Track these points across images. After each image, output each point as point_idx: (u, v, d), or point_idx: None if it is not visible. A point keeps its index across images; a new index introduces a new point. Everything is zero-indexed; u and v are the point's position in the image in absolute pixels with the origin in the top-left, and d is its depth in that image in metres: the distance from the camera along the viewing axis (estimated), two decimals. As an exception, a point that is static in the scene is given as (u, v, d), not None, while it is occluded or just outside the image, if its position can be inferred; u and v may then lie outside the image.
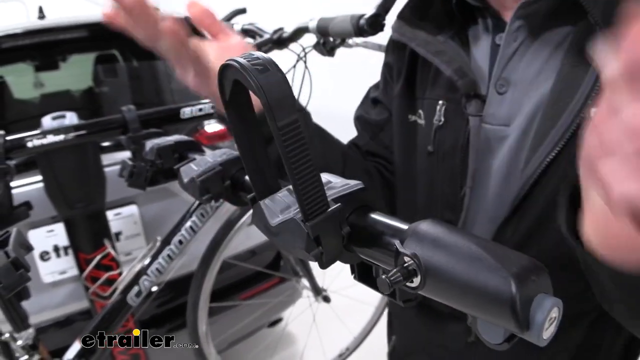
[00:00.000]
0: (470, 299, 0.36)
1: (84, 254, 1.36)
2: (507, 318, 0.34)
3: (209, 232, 1.56)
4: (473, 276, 0.35)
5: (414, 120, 0.83)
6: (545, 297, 0.34)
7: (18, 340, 1.15)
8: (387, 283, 0.37)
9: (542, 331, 0.34)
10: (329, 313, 1.99)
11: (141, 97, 2.58)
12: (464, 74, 0.72)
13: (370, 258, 0.46)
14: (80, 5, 2.41)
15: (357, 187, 0.48)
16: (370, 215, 0.46)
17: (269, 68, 0.40)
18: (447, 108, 0.77)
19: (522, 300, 0.33)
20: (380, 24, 0.95)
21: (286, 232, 0.45)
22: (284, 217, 0.46)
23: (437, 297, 0.39)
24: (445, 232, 0.39)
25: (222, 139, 1.93)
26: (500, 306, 0.34)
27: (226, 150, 0.76)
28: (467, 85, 0.72)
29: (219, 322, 1.87)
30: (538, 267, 0.36)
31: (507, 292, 0.33)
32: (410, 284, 0.39)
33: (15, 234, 0.83)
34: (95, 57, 2.64)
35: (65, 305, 1.71)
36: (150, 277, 1.32)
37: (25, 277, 0.78)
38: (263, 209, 0.48)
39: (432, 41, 0.76)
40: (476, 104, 0.73)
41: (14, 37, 1.87)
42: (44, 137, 1.18)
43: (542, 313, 0.33)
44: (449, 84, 0.75)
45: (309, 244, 0.42)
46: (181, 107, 1.33)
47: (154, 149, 0.95)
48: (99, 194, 1.34)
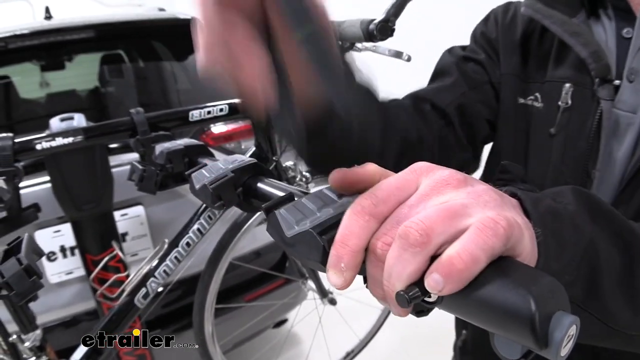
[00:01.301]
0: (488, 315, 0.36)
1: (91, 256, 1.36)
2: (525, 335, 0.34)
3: (217, 233, 1.56)
4: (492, 293, 0.35)
5: (523, 103, 0.84)
6: (563, 315, 0.34)
7: (25, 342, 1.16)
8: (405, 299, 0.38)
9: (560, 348, 0.34)
10: (334, 315, 1.99)
11: (147, 98, 2.59)
12: (599, 57, 0.74)
13: (386, 271, 0.46)
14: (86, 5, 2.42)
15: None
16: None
17: None
18: (574, 91, 0.77)
19: (541, 318, 0.33)
20: (390, 30, 0.95)
21: (302, 243, 0.45)
22: (300, 229, 0.46)
23: (455, 312, 0.39)
24: (463, 246, 0.39)
25: (228, 140, 1.93)
26: (519, 323, 0.34)
27: (238, 157, 0.76)
28: (602, 69, 0.74)
29: (225, 322, 1.88)
30: (556, 285, 0.36)
31: (527, 309, 0.33)
32: (428, 299, 0.39)
33: (27, 240, 0.83)
34: (101, 57, 2.65)
35: (72, 306, 1.71)
36: (158, 279, 1.33)
37: (38, 284, 0.78)
38: (278, 219, 0.49)
39: (568, 22, 0.77)
40: (608, 89, 0.74)
41: (21, 37, 1.88)
42: (52, 140, 1.18)
43: (560, 331, 0.34)
44: (578, 66, 0.77)
45: (324, 257, 0.43)
46: (190, 110, 1.33)
47: (164, 154, 0.95)
48: (106, 196, 1.34)
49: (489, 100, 0.90)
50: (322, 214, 0.47)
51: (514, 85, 0.86)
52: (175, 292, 1.84)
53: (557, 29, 0.77)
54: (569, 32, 0.76)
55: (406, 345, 2.52)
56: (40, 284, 0.79)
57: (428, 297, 0.39)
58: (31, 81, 2.63)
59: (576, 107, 0.77)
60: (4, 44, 1.83)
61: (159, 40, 2.37)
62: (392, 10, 0.94)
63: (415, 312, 0.46)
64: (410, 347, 2.53)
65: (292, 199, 0.55)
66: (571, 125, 0.78)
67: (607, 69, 0.74)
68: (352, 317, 2.05)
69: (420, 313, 0.47)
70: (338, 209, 0.47)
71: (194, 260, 1.54)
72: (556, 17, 0.78)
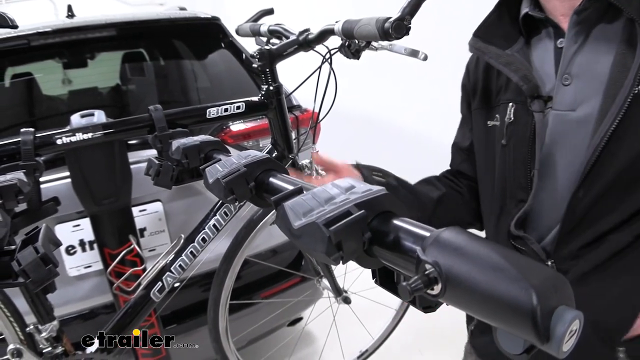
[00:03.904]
0: (490, 308, 0.36)
1: (109, 249, 1.38)
2: (527, 329, 0.34)
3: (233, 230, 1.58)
4: (494, 286, 0.35)
5: (492, 125, 1.02)
6: (566, 310, 0.34)
7: (42, 332, 1.18)
8: (408, 290, 0.38)
9: (562, 343, 0.33)
10: (349, 314, 1.99)
11: (167, 96, 2.61)
12: (528, 80, 0.91)
13: (392, 264, 0.46)
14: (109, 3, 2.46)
15: (380, 193, 0.48)
16: (393, 221, 0.46)
17: None
18: (515, 108, 0.96)
19: (542, 312, 0.33)
20: (406, 28, 0.95)
21: (308, 235, 0.46)
22: (307, 220, 0.46)
23: (458, 305, 0.39)
24: (468, 240, 0.39)
25: (247, 138, 1.94)
26: (520, 317, 0.34)
27: (251, 152, 0.77)
28: (532, 88, 0.91)
29: (240, 319, 1.89)
30: (560, 279, 0.36)
31: (528, 303, 0.33)
32: (431, 292, 0.39)
33: (44, 230, 0.85)
34: (122, 56, 2.68)
35: (90, 299, 1.74)
36: (174, 273, 1.34)
37: (53, 272, 0.80)
38: (286, 211, 0.49)
39: (502, 54, 0.95)
40: (539, 103, 0.92)
41: (43, 35, 1.91)
42: (72, 135, 1.21)
43: (562, 325, 0.33)
44: (516, 89, 0.94)
45: (329, 248, 0.43)
46: (207, 107, 1.34)
47: (180, 149, 0.97)
48: (125, 191, 1.36)
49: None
50: (328, 206, 0.48)
51: (482, 113, 1.06)
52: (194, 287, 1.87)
53: (494, 61, 0.96)
54: (503, 63, 0.94)
55: (420, 344, 2.52)
56: (56, 272, 0.81)
57: (431, 290, 0.39)
58: (54, 78, 2.67)
59: (517, 121, 0.95)
60: (26, 41, 1.86)
61: (180, 39, 2.39)
62: (408, 9, 0.94)
63: (422, 307, 0.46)
64: (424, 346, 2.52)
65: (301, 192, 0.56)
66: (515, 136, 0.96)
67: (536, 88, 0.91)
68: (367, 317, 2.04)
69: (428, 309, 0.47)
70: (344, 202, 0.47)
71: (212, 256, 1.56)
72: (492, 52, 0.96)
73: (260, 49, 1.32)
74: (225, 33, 2.21)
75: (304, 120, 1.98)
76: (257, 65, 1.34)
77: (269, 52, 1.31)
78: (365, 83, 3.21)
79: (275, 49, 1.31)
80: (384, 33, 0.97)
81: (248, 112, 1.38)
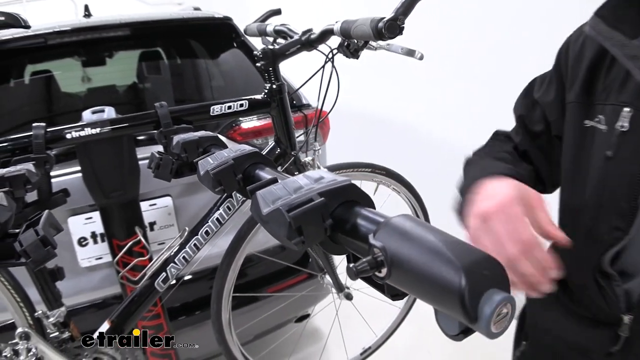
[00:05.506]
0: (428, 290, 0.38)
1: (117, 240, 1.43)
2: (456, 309, 0.36)
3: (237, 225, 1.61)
4: (430, 268, 0.38)
5: (590, 126, 0.82)
6: (496, 292, 0.36)
7: (50, 318, 1.23)
8: (353, 271, 0.40)
9: (490, 324, 0.35)
10: (352, 311, 2.01)
11: (182, 94, 2.66)
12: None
13: (352, 249, 0.49)
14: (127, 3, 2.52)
15: (344, 183, 0.51)
16: (355, 208, 0.49)
17: None
18: (633, 115, 0.75)
19: (471, 293, 0.35)
20: (399, 28, 0.97)
21: (274, 220, 0.49)
22: (274, 206, 0.49)
23: (402, 287, 0.41)
24: (414, 226, 0.42)
25: (257, 135, 1.97)
26: (450, 297, 0.36)
27: (242, 146, 0.80)
28: None
29: (247, 314, 1.92)
30: (493, 263, 0.38)
31: (457, 283, 0.36)
32: (379, 274, 0.42)
33: (46, 215, 0.90)
34: (139, 54, 2.74)
35: (101, 289, 1.79)
36: (177, 265, 1.38)
37: (51, 253, 0.85)
38: (258, 199, 0.52)
39: (628, 44, 0.73)
40: None
41: (62, 34, 1.97)
42: (82, 130, 1.25)
43: (490, 307, 0.35)
44: (638, 91, 0.74)
45: (290, 233, 0.46)
46: (211, 105, 1.38)
47: (180, 144, 1.01)
48: (132, 184, 1.40)
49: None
50: (295, 195, 0.50)
51: (579, 109, 0.85)
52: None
53: (617, 51, 0.74)
54: (628, 56, 0.73)
55: (424, 342, 2.52)
56: (54, 253, 0.86)
57: (379, 272, 0.42)
58: (73, 76, 2.74)
59: (633, 132, 0.74)
60: (43, 40, 1.92)
61: (194, 39, 2.44)
62: (401, 9, 0.96)
63: (390, 295, 0.49)
64: (429, 344, 2.52)
65: (275, 182, 0.59)
66: (626, 151, 0.75)
67: None
68: (370, 314, 2.06)
69: (395, 297, 0.49)
70: (309, 191, 0.50)
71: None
72: (616, 39, 0.74)
73: (264, 49, 1.36)
74: (237, 33, 2.25)
75: (312, 119, 2.01)
76: (260, 64, 1.38)
77: (272, 51, 1.35)
78: (370, 82, 3.23)
79: (277, 48, 1.34)
80: (377, 33, 0.99)
81: (251, 109, 1.41)
